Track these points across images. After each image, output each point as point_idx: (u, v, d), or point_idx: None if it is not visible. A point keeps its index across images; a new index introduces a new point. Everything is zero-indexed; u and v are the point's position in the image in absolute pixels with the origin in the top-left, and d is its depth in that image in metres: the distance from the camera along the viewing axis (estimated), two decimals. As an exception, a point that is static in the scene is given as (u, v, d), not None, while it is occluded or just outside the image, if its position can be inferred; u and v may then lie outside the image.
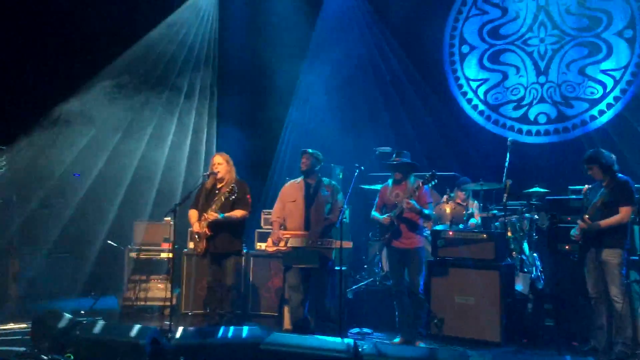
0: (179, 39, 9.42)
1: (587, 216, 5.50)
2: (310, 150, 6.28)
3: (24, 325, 6.36)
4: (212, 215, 5.96)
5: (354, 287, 7.26)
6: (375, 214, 6.27)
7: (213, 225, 6.00)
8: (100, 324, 5.42)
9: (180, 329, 5.44)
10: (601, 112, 8.45)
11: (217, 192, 6.19)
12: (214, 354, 5.02)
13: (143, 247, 7.62)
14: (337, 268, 6.08)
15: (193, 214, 6.29)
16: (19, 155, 7.97)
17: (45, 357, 5.12)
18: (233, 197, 5.99)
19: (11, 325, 6.58)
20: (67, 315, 5.56)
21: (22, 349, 5.46)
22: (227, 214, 6.03)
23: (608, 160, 5.57)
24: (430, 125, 8.91)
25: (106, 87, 8.63)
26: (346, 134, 8.93)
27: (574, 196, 6.48)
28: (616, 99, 8.36)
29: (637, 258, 5.32)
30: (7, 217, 7.66)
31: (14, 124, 8.16)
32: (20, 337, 6.07)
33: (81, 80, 8.58)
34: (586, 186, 5.89)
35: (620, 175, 5.58)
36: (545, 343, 6.01)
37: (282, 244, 6.11)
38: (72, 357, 5.06)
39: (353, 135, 8.82)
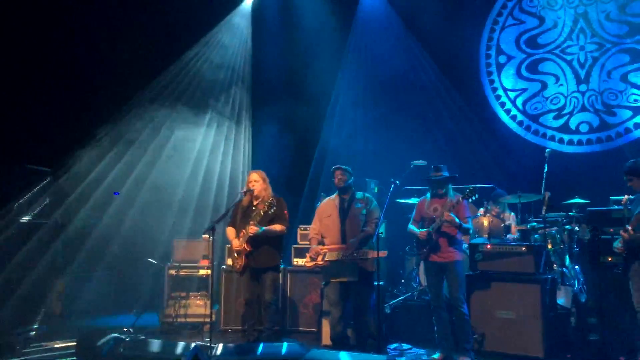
0: (215, 58, 9.62)
1: (630, 227, 5.35)
2: (343, 166, 6.32)
3: (69, 344, 6.51)
4: (252, 229, 6.03)
5: (391, 302, 7.20)
6: (412, 227, 6.24)
7: (252, 241, 6.07)
8: (142, 341, 5.54)
9: (220, 345, 5.49)
10: (645, 120, 8.24)
11: (253, 208, 6.27)
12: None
13: (182, 265, 7.75)
14: (375, 283, 6.05)
15: (231, 231, 6.38)
16: (63, 177, 8.26)
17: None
18: (272, 211, 6.06)
19: (56, 344, 6.74)
20: (111, 334, 5.69)
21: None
22: (266, 227, 6.10)
23: (648, 171, 5.42)
24: (467, 136, 8.82)
25: (145, 108, 8.88)
26: (380, 148, 8.94)
27: (615, 207, 6.32)
28: (661, 105, 8.16)
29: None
30: (51, 238, 7.89)
31: (57, 147, 8.45)
32: (64, 355, 6.23)
33: (121, 101, 8.85)
34: (626, 196, 5.73)
35: (662, 185, 5.42)
36: (589, 358, 5.86)
37: (319, 258, 6.13)
38: (115, 373, 5.18)
39: (387, 149, 8.80)
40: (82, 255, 8.20)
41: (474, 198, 5.85)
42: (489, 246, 6.40)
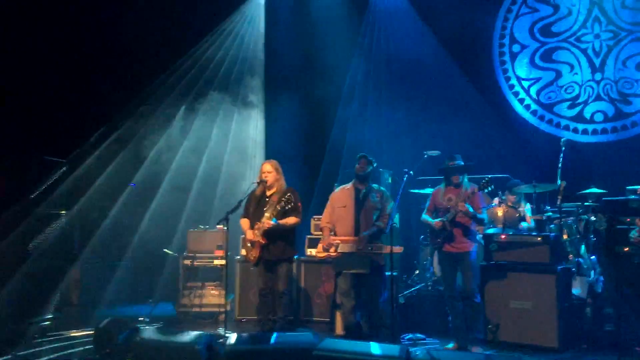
0: (228, 47, 9.63)
1: (646, 217, 5.34)
2: (368, 156, 6.30)
3: (86, 332, 6.59)
4: (267, 223, 6.03)
5: (405, 292, 7.22)
6: (426, 217, 6.24)
7: (267, 234, 6.08)
8: (158, 330, 5.59)
9: (234, 335, 5.54)
10: (662, 109, 8.17)
11: (267, 199, 6.28)
12: (267, 359, 5.08)
13: (197, 255, 7.79)
14: (387, 273, 6.06)
15: (245, 222, 6.38)
16: (80, 167, 8.32)
17: (106, 363, 5.33)
18: (289, 206, 6.05)
19: (74, 332, 6.83)
20: (129, 323, 5.75)
21: (85, 355, 5.68)
22: (280, 221, 6.10)
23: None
24: (481, 126, 8.75)
25: (160, 98, 8.92)
26: (394, 138, 8.91)
27: (632, 196, 6.28)
28: (677, 94, 8.07)
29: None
30: (68, 227, 7.96)
31: (71, 137, 8.52)
32: (82, 343, 6.32)
33: (136, 89, 8.88)
34: (641, 185, 5.71)
35: (681, 174, 5.38)
36: (606, 348, 5.84)
37: (332, 249, 6.13)
38: (132, 362, 5.24)
39: (401, 139, 8.78)
40: (98, 245, 8.28)
41: (489, 189, 5.84)
42: (503, 236, 6.39)
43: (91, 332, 6.06)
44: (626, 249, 5.92)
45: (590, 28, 8.69)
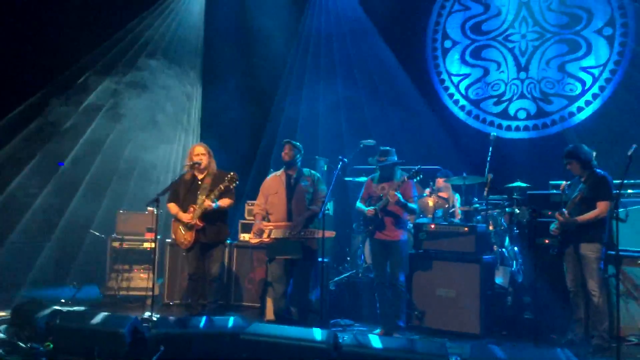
0: (165, 28, 9.37)
1: (566, 211, 5.60)
2: (292, 141, 6.30)
3: (4, 314, 6.28)
4: (208, 204, 5.93)
5: (336, 279, 7.29)
6: (360, 205, 6.32)
7: (204, 216, 5.98)
8: (80, 313, 5.40)
9: (162, 318, 5.43)
10: (580, 109, 8.56)
11: (199, 183, 6.16)
12: (194, 343, 5.02)
13: (126, 237, 7.59)
14: (319, 260, 6.10)
15: (173, 206, 6.23)
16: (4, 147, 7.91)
17: (24, 346, 5.09)
18: (233, 185, 5.97)
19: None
20: (48, 304, 5.52)
21: (1, 336, 5.41)
22: (219, 204, 6.03)
23: (587, 155, 5.67)
24: (414, 119, 8.95)
25: (90, 76, 8.57)
26: (331, 127, 8.95)
27: (554, 191, 6.57)
28: (594, 96, 8.48)
29: (615, 253, 5.43)
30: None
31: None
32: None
33: (67, 67, 8.50)
34: (564, 182, 6.00)
35: (598, 170, 5.69)
36: (524, 335, 6.07)
37: (264, 235, 6.11)
38: (51, 346, 5.03)
39: (338, 128, 8.85)
40: (21, 225, 7.91)
41: (418, 178, 5.97)
42: (432, 226, 6.55)
43: (8, 313, 5.79)
44: (547, 241, 6.19)
45: (517, 28, 8.99)
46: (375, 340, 4.86)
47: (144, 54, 9.05)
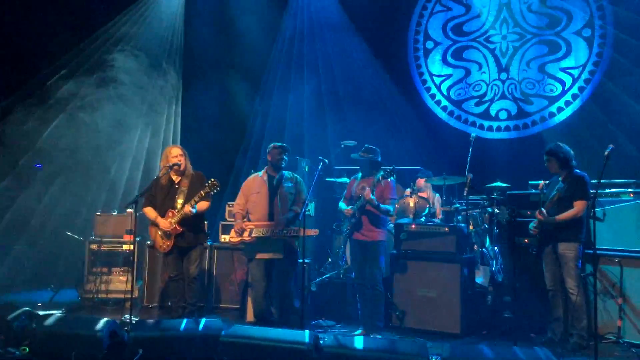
0: (144, 30, 9.28)
1: (544, 210, 5.64)
2: (284, 145, 6.31)
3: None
4: (189, 211, 5.88)
5: (317, 280, 7.27)
6: (342, 205, 6.32)
7: (182, 221, 5.94)
8: (56, 316, 5.32)
9: (141, 321, 5.37)
10: (559, 109, 8.62)
11: (176, 186, 6.11)
12: (174, 346, 4.98)
13: (104, 239, 7.50)
14: (300, 260, 6.08)
15: (150, 211, 6.14)
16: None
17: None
18: (215, 191, 5.92)
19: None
20: (24, 308, 5.44)
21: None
22: (197, 208, 6.00)
23: (566, 154, 5.72)
24: (396, 119, 8.99)
25: (67, 77, 8.47)
26: (312, 128, 8.94)
27: (533, 191, 6.61)
28: (574, 96, 8.55)
29: (593, 252, 5.48)
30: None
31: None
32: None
33: (42, 68, 8.40)
34: (542, 182, 6.04)
35: (576, 171, 5.74)
36: (504, 334, 6.11)
37: (246, 234, 6.09)
38: (27, 350, 4.96)
39: (319, 129, 8.83)
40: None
41: (392, 178, 5.98)
42: (413, 226, 6.56)
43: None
44: (526, 240, 6.25)
45: (498, 29, 9.04)
46: (355, 341, 4.86)
47: (117, 51, 8.93)
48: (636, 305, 5.78)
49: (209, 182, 5.92)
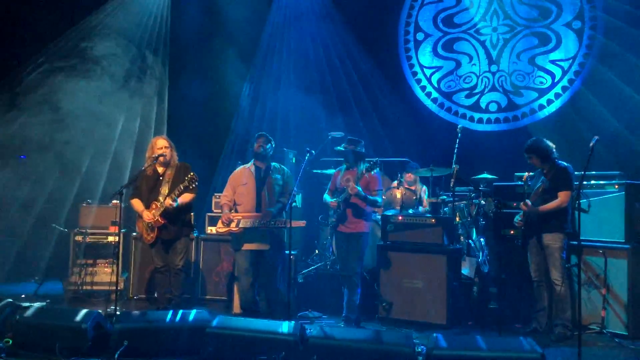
0: (128, 16, 9.19)
1: (529, 201, 5.65)
2: (266, 134, 6.30)
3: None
4: (169, 204, 5.85)
5: (304, 271, 7.27)
6: (327, 197, 6.31)
7: (166, 213, 5.91)
8: (40, 308, 5.30)
9: (126, 312, 5.36)
10: (549, 102, 8.63)
11: (161, 177, 6.08)
12: (159, 337, 4.97)
13: (90, 231, 7.46)
14: (287, 252, 6.08)
15: (137, 203, 6.13)
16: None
17: (-18, 343, 4.99)
18: (193, 186, 5.88)
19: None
20: (6, 300, 5.41)
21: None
22: (180, 201, 5.96)
23: (546, 149, 5.73)
24: (384, 111, 8.97)
25: (52, 68, 8.38)
26: (300, 119, 8.91)
27: (519, 182, 6.61)
28: (564, 88, 8.55)
29: (577, 243, 5.49)
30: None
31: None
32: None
33: (26, 58, 8.30)
34: (526, 174, 6.05)
35: (559, 162, 5.74)
36: (489, 325, 6.13)
37: (233, 225, 6.08)
38: (10, 342, 4.94)
39: (307, 120, 8.80)
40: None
41: (375, 171, 5.98)
42: (400, 217, 6.56)
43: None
44: (512, 232, 6.26)
45: (489, 21, 9.03)
46: (341, 332, 4.86)
47: (101, 40, 8.84)
48: (620, 295, 5.81)
49: (188, 176, 5.87)
